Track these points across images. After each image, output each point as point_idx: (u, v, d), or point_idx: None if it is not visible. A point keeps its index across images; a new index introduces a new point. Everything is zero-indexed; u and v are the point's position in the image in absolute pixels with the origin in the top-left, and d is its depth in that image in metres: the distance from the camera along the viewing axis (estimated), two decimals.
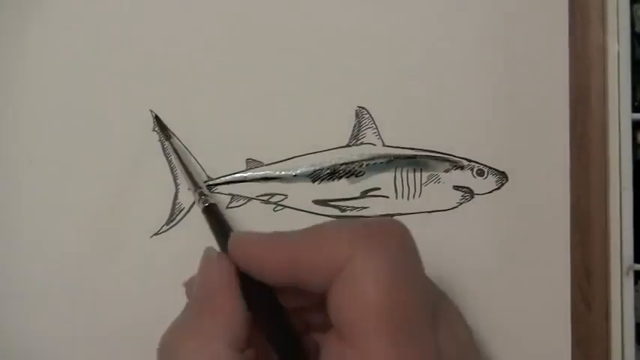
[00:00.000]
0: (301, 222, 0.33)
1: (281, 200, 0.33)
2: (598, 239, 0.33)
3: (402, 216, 0.33)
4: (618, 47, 0.34)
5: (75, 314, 0.32)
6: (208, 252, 0.25)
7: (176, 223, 0.33)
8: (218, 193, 0.33)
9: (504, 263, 0.33)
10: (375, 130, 0.33)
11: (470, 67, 0.34)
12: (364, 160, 0.33)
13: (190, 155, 0.32)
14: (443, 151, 0.33)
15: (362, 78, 0.34)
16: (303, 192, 0.33)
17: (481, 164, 0.33)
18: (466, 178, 0.33)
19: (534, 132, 0.33)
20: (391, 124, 0.34)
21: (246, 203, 0.33)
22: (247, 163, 0.33)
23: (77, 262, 0.32)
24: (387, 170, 0.33)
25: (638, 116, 0.34)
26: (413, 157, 0.33)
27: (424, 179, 0.33)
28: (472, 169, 0.33)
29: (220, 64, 0.34)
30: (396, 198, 0.33)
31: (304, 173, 0.33)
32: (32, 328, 0.32)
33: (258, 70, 0.34)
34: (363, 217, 0.23)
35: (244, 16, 0.34)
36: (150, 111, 0.33)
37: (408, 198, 0.33)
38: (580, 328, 0.32)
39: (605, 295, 0.33)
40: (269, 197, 0.33)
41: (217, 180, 0.33)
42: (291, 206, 0.33)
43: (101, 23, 0.34)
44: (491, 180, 0.33)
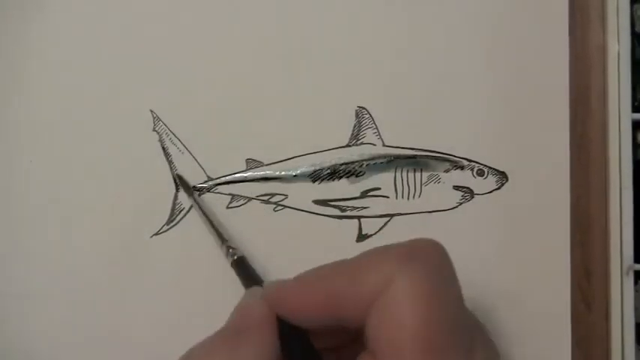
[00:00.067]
0: (301, 222, 0.33)
1: (281, 200, 0.33)
2: (598, 239, 0.33)
3: (402, 216, 0.33)
4: (618, 47, 0.34)
5: (75, 314, 0.32)
6: (254, 289, 0.25)
7: (176, 224, 0.33)
8: (218, 193, 0.33)
9: (504, 263, 0.33)
10: (375, 130, 0.33)
11: (470, 67, 0.34)
12: (364, 160, 0.33)
13: (207, 213, 0.32)
14: (443, 151, 0.33)
15: (362, 78, 0.34)
16: (303, 192, 0.33)
17: (481, 164, 0.33)
18: (466, 178, 0.33)
19: (534, 132, 0.33)
20: (391, 124, 0.34)
21: (246, 203, 0.33)
22: (247, 163, 0.33)
23: (77, 262, 0.32)
24: (387, 170, 0.33)
25: (638, 116, 0.34)
26: (413, 157, 0.33)
27: (424, 179, 0.33)
28: (472, 169, 0.33)
29: (221, 64, 0.34)
30: (396, 198, 0.33)
31: (304, 173, 0.33)
32: (32, 328, 0.32)
33: (258, 70, 0.34)
34: (398, 243, 0.23)
35: (245, 17, 0.34)
36: (150, 111, 0.33)
37: (408, 198, 0.33)
38: (580, 328, 0.32)
39: (605, 295, 0.33)
40: (269, 197, 0.33)
41: (217, 180, 0.33)
42: (291, 206, 0.33)
43: (102, 23, 0.34)
44: (491, 180, 0.33)
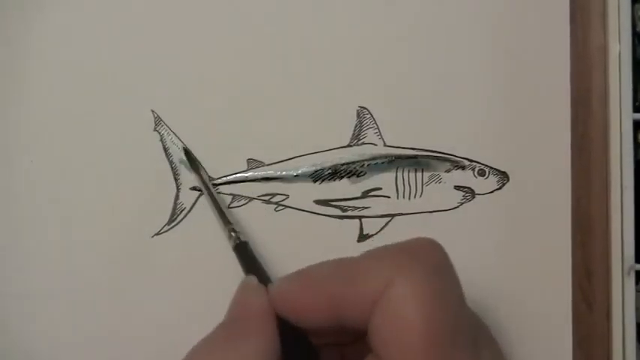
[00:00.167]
0: (302, 222, 0.33)
1: (282, 200, 0.33)
2: (599, 239, 0.33)
3: (404, 216, 0.33)
4: (619, 47, 0.34)
5: (75, 314, 0.32)
6: (248, 279, 0.25)
7: (177, 223, 0.33)
8: (219, 193, 0.33)
9: (505, 263, 0.33)
10: (377, 130, 0.33)
11: (471, 68, 0.34)
12: (365, 160, 0.33)
13: (214, 193, 0.31)
14: (444, 151, 0.33)
15: (363, 78, 0.34)
16: (304, 192, 0.33)
17: (482, 164, 0.33)
18: (467, 178, 0.33)
19: (535, 132, 0.33)
20: (392, 124, 0.34)
21: (247, 203, 0.33)
22: (248, 163, 0.33)
23: (77, 262, 0.32)
24: (389, 170, 0.33)
25: (639, 116, 0.34)
26: (414, 157, 0.33)
27: (425, 179, 0.33)
28: (473, 169, 0.33)
29: (222, 64, 0.34)
30: (397, 198, 0.33)
31: (305, 173, 0.33)
32: (32, 328, 0.32)
33: (259, 70, 0.34)
34: (397, 242, 0.22)
35: (245, 17, 0.34)
36: (152, 111, 0.33)
37: (409, 198, 0.33)
38: (581, 328, 0.32)
39: (606, 295, 0.33)
40: (270, 197, 0.33)
41: (219, 180, 0.33)
42: (292, 206, 0.33)
43: (102, 23, 0.34)
44: (492, 180, 0.33)
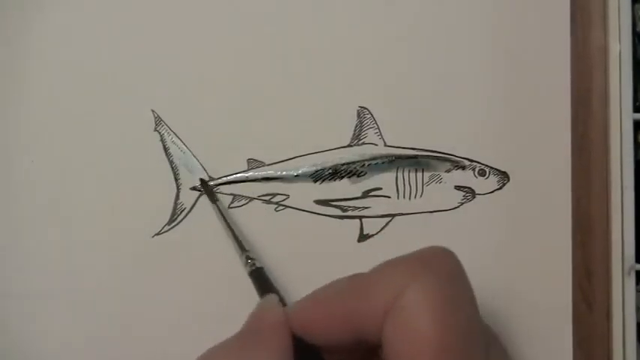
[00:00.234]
0: (303, 222, 0.33)
1: (283, 200, 0.33)
2: (599, 239, 0.33)
3: (404, 216, 0.33)
4: (620, 47, 0.34)
5: (75, 314, 0.32)
6: (270, 297, 0.25)
7: (178, 223, 0.33)
8: (219, 193, 0.33)
9: (505, 263, 0.33)
10: (377, 130, 0.33)
11: (471, 68, 0.34)
12: (366, 160, 0.33)
13: (229, 221, 0.32)
14: (444, 151, 0.33)
15: (363, 78, 0.34)
16: (304, 192, 0.33)
17: (482, 164, 0.33)
18: (467, 178, 0.33)
19: (536, 132, 0.33)
20: (393, 124, 0.34)
21: (247, 203, 0.33)
22: (249, 163, 0.33)
23: (78, 262, 0.32)
24: (389, 170, 0.33)
25: (639, 116, 0.34)
26: (414, 157, 0.33)
27: (426, 179, 0.33)
28: (474, 169, 0.33)
29: (222, 64, 0.34)
30: (398, 198, 0.33)
31: (306, 173, 0.33)
32: (32, 328, 0.32)
33: (259, 70, 0.34)
34: (410, 252, 0.23)
35: (245, 17, 0.34)
36: (152, 111, 0.33)
37: (410, 198, 0.33)
38: (581, 329, 0.32)
39: (606, 296, 0.33)
40: (271, 197, 0.33)
41: (219, 180, 0.33)
42: (292, 206, 0.33)
43: (102, 23, 0.34)
44: (492, 180, 0.33)
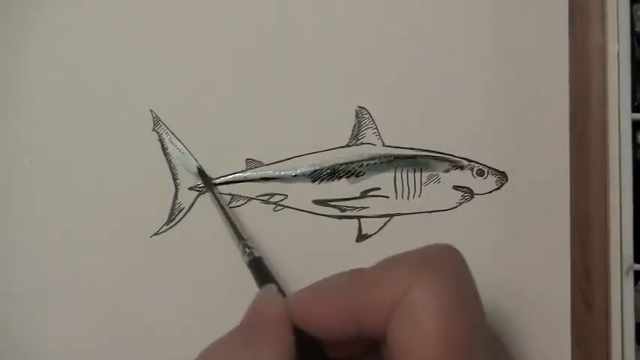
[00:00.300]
0: (301, 222, 0.33)
1: (281, 200, 0.33)
2: (598, 239, 0.33)
3: (402, 216, 0.33)
4: (618, 47, 0.34)
5: (74, 314, 0.32)
6: (268, 287, 0.25)
7: (176, 223, 0.33)
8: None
9: (504, 263, 0.33)
10: (375, 130, 0.33)
11: (470, 67, 0.34)
12: (364, 160, 0.33)
13: (227, 210, 0.31)
14: (443, 151, 0.33)
15: (362, 78, 0.34)
16: (303, 192, 0.33)
17: (481, 164, 0.33)
18: (466, 178, 0.33)
19: (534, 132, 0.33)
20: (391, 124, 0.34)
21: (246, 203, 0.33)
22: (247, 163, 0.33)
23: (77, 262, 0.32)
24: (387, 170, 0.33)
25: (638, 116, 0.34)
26: (413, 157, 0.33)
27: (424, 179, 0.33)
28: (472, 169, 0.33)
29: (221, 64, 0.34)
30: (396, 198, 0.33)
31: (304, 173, 0.33)
32: (32, 328, 0.32)
33: (258, 70, 0.34)
34: (415, 249, 0.22)
35: (244, 17, 0.34)
36: (150, 111, 0.33)
37: (408, 198, 0.33)
38: (580, 329, 0.32)
39: (605, 295, 0.33)
40: (269, 197, 0.33)
41: (217, 180, 0.33)
42: (291, 206, 0.33)
43: (102, 23, 0.34)
44: (491, 180, 0.33)
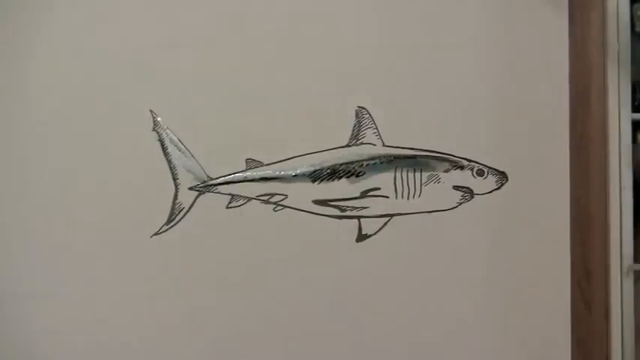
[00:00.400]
0: (301, 222, 0.33)
1: (281, 200, 0.33)
2: (598, 239, 0.33)
3: (402, 216, 0.33)
4: (618, 47, 0.34)
5: (75, 314, 0.32)
6: None
7: (176, 223, 0.33)
8: (218, 193, 0.33)
9: (504, 263, 0.33)
10: (375, 130, 0.33)
11: (470, 68, 0.34)
12: (364, 160, 0.33)
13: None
14: (443, 151, 0.33)
15: (362, 79, 0.34)
16: (303, 192, 0.33)
17: (481, 164, 0.33)
18: (466, 178, 0.33)
19: (534, 132, 0.33)
20: (391, 125, 0.34)
21: (246, 203, 0.33)
22: (247, 163, 0.33)
23: (77, 262, 0.32)
24: (387, 170, 0.33)
25: (637, 116, 0.34)
26: (413, 157, 0.33)
27: (424, 179, 0.33)
28: (472, 169, 0.33)
29: (221, 65, 0.34)
30: (396, 198, 0.33)
31: (304, 173, 0.33)
32: (32, 328, 0.32)
33: (258, 71, 0.34)
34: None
35: (245, 18, 0.34)
36: (150, 111, 0.33)
37: (408, 198, 0.33)
38: (580, 328, 0.33)
39: (605, 295, 0.33)
40: (269, 197, 0.33)
41: (217, 180, 0.33)
42: (291, 206, 0.33)
43: (103, 24, 0.34)
44: (491, 180, 0.33)
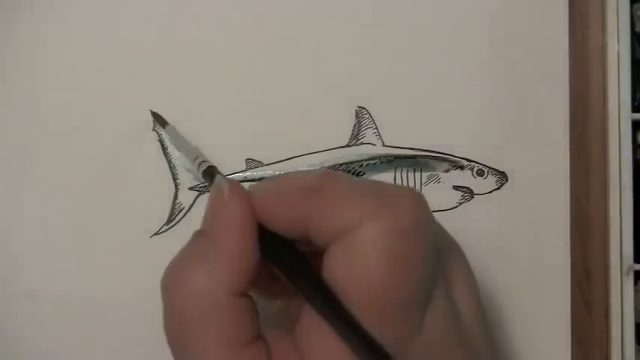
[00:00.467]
0: None
1: None
2: (598, 239, 0.33)
3: None
4: (618, 47, 0.34)
5: (75, 314, 0.32)
6: (219, 181, 0.22)
7: (176, 223, 0.33)
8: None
9: (504, 263, 0.33)
10: (375, 130, 0.33)
11: (470, 67, 0.34)
12: (364, 160, 0.33)
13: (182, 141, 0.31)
14: (443, 151, 0.33)
15: (362, 78, 0.34)
16: None
17: (481, 164, 0.33)
18: (466, 178, 0.33)
19: (534, 132, 0.33)
20: (391, 124, 0.34)
21: None
22: (247, 163, 0.33)
23: (77, 262, 0.32)
24: (387, 170, 0.33)
25: (638, 116, 0.34)
26: (413, 157, 0.33)
27: (424, 179, 0.33)
28: (472, 169, 0.33)
29: (220, 64, 0.34)
30: None
31: None
32: (32, 328, 0.32)
33: (258, 70, 0.34)
34: (383, 184, 0.22)
35: (244, 16, 0.34)
36: (150, 111, 0.33)
37: None
38: (580, 328, 0.32)
39: (605, 295, 0.33)
40: None
41: None
42: None
43: (101, 22, 0.34)
44: (491, 180, 0.33)
